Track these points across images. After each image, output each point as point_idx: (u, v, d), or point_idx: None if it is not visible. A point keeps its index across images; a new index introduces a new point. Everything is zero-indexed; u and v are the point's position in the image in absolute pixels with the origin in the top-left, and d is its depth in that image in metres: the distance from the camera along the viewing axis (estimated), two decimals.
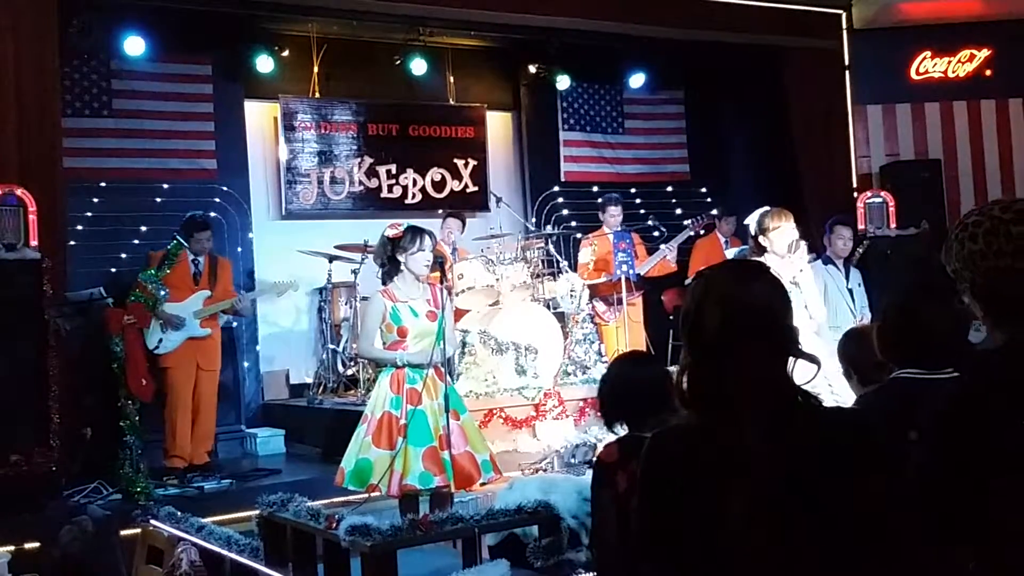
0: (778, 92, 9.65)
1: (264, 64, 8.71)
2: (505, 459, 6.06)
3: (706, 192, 10.64)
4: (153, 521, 5.49)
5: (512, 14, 8.56)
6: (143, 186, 8.50)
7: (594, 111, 10.55)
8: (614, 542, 2.81)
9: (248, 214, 8.96)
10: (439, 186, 9.89)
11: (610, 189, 9.85)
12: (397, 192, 9.73)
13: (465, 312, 7.83)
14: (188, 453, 7.04)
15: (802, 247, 5.32)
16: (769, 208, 5.34)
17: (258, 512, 4.72)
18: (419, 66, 9.20)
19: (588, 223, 9.34)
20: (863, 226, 8.51)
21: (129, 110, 8.49)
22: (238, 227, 8.81)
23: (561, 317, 7.99)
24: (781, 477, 1.74)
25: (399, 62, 9.26)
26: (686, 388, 1.87)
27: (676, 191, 10.67)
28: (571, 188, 10.25)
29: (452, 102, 9.97)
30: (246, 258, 8.84)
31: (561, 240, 8.86)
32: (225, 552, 4.80)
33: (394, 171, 9.72)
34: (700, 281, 1.95)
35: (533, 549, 4.28)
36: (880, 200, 8.80)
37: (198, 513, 5.44)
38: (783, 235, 5.22)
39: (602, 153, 10.57)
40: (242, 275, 8.45)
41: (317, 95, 9.37)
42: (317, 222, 9.32)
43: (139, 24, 7.97)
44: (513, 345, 7.42)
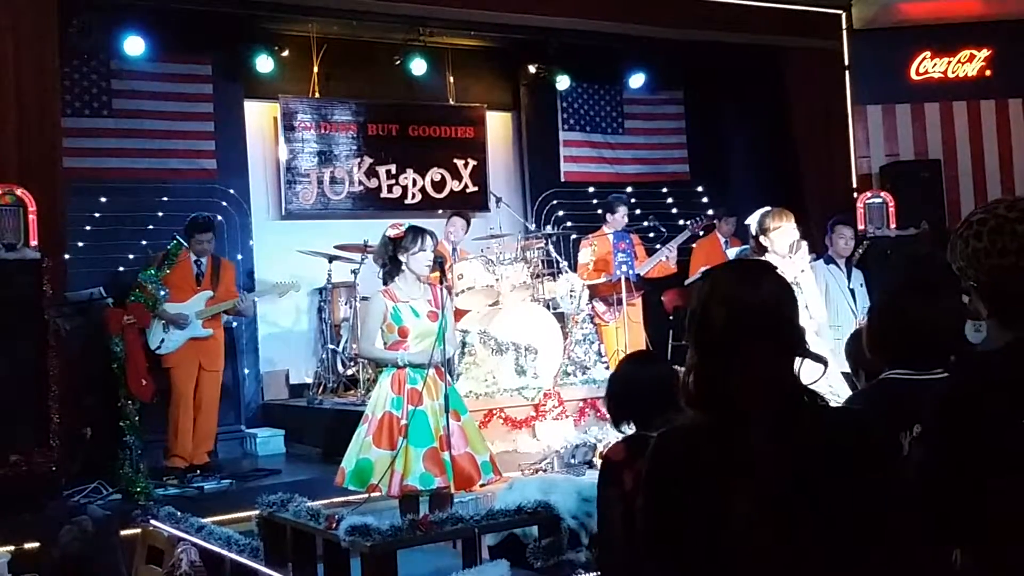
0: (778, 92, 9.65)
1: (264, 64, 8.71)
2: (505, 459, 6.06)
3: (706, 192, 10.64)
4: (153, 521, 5.50)
5: (512, 14, 8.56)
6: (143, 186, 8.50)
7: (594, 111, 10.55)
8: (619, 540, 2.82)
9: (248, 214, 8.96)
10: (439, 186, 9.89)
11: (610, 189, 9.85)
12: (397, 192, 9.73)
13: (465, 312, 7.83)
14: (190, 453, 7.05)
15: (803, 247, 5.32)
16: (770, 208, 5.33)
17: (258, 512, 4.72)
18: (419, 66, 9.21)
19: (588, 223, 9.33)
20: (863, 226, 8.50)
21: (129, 110, 8.49)
22: (238, 227, 8.81)
23: (561, 317, 7.98)
24: (786, 477, 1.74)
25: (399, 62, 9.26)
26: (692, 388, 1.86)
27: (676, 191, 10.66)
28: (571, 188, 10.25)
29: (452, 102, 9.97)
30: (246, 258, 8.84)
31: (561, 240, 8.85)
32: (225, 552, 4.81)
33: (394, 171, 9.72)
34: (706, 281, 1.94)
35: (533, 549, 4.27)
36: (880, 200, 8.80)
37: (198, 513, 5.44)
38: (784, 235, 5.22)
39: (602, 153, 10.56)
40: (242, 275, 8.44)
41: (317, 95, 9.37)
42: (317, 222, 9.31)
43: (139, 24, 7.98)
44: (513, 345, 7.42)
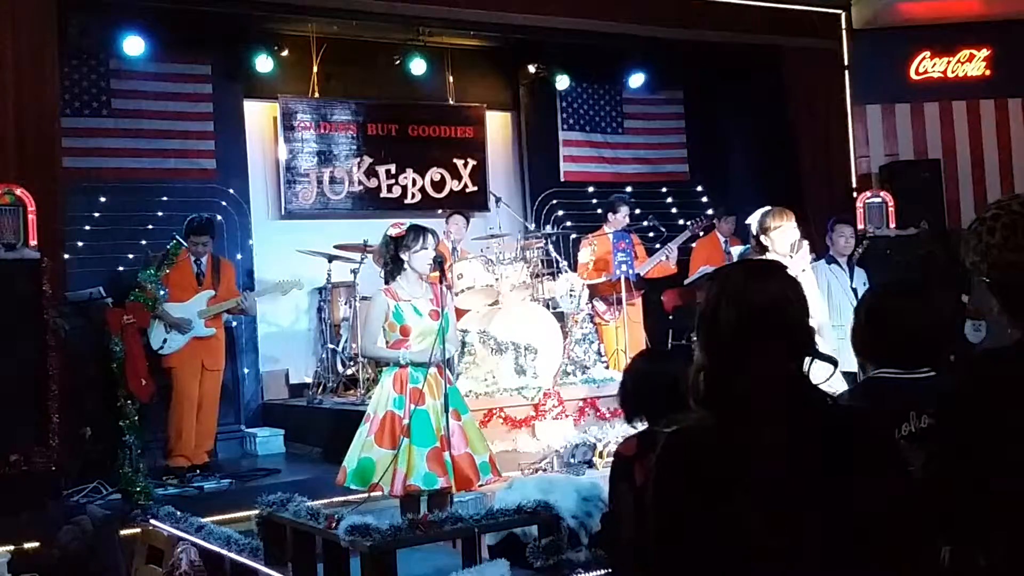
0: (778, 92, 9.64)
1: (263, 64, 8.71)
2: (504, 459, 6.06)
3: (705, 192, 10.64)
4: (153, 521, 5.51)
5: (512, 14, 8.56)
6: (142, 186, 8.50)
7: (593, 111, 10.55)
8: (631, 534, 2.84)
9: (247, 214, 8.96)
10: (438, 186, 9.89)
11: (609, 189, 9.85)
12: (396, 192, 9.73)
13: (465, 312, 7.83)
14: (192, 452, 7.05)
15: (804, 247, 5.30)
16: (771, 208, 5.32)
17: (258, 512, 4.72)
18: (418, 66, 9.21)
19: (587, 223, 9.33)
20: (862, 226, 8.50)
21: (128, 110, 8.48)
22: (237, 227, 8.80)
23: (560, 317, 7.98)
24: (794, 477, 1.73)
25: (398, 62, 9.27)
26: (701, 387, 1.86)
27: (675, 191, 10.66)
28: (570, 188, 10.25)
29: (451, 102, 9.97)
30: (245, 258, 8.84)
31: (560, 240, 8.85)
32: (225, 552, 4.81)
33: (393, 171, 9.71)
34: (715, 280, 1.93)
35: (533, 549, 4.27)
36: (879, 200, 8.80)
37: (198, 513, 5.45)
38: (785, 235, 5.21)
39: (601, 153, 10.56)
40: (241, 275, 8.45)
41: (316, 95, 9.37)
42: (316, 222, 9.31)
43: (138, 24, 7.97)
44: (512, 345, 7.42)
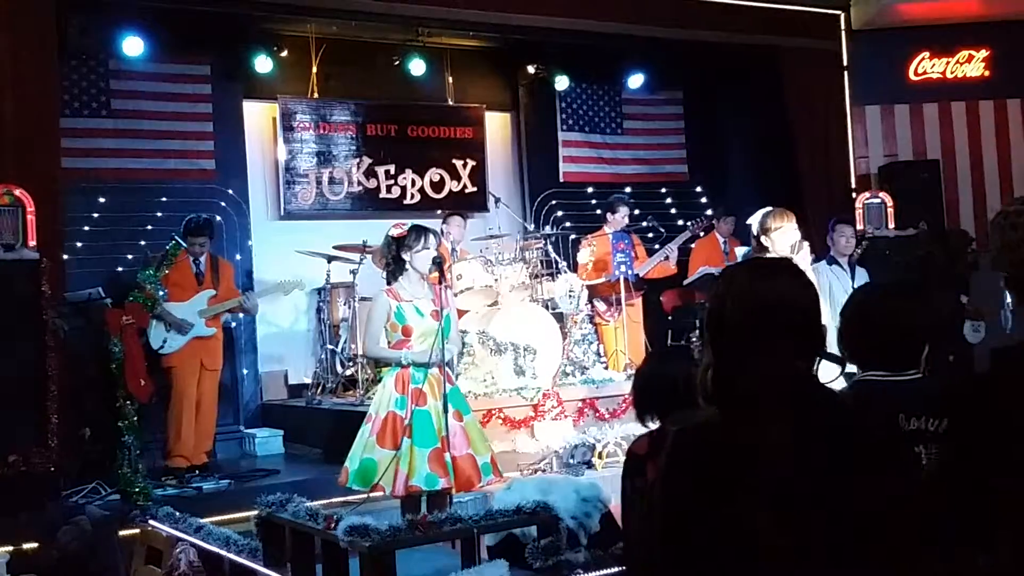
0: (777, 93, 9.64)
1: (263, 64, 8.71)
2: (504, 459, 6.04)
3: (705, 193, 10.64)
4: (152, 521, 5.50)
5: (511, 14, 8.56)
6: (141, 186, 8.49)
7: (593, 111, 10.55)
8: (642, 532, 2.84)
9: (247, 214, 8.96)
10: (438, 186, 9.88)
11: (609, 190, 9.85)
12: (396, 192, 9.72)
13: (464, 312, 7.83)
14: (191, 453, 7.05)
15: (804, 248, 5.31)
16: (772, 208, 5.32)
17: (257, 512, 4.72)
18: (418, 66, 9.21)
19: (587, 223, 9.33)
20: (862, 226, 8.50)
21: (128, 110, 8.48)
22: (236, 227, 8.80)
23: (560, 317, 7.98)
24: (800, 477, 1.73)
25: (398, 62, 9.26)
26: (708, 385, 1.85)
27: (674, 191, 10.66)
28: (570, 188, 10.25)
29: (451, 102, 9.97)
30: (245, 258, 8.83)
31: (560, 240, 8.85)
32: (224, 552, 4.81)
33: (393, 171, 9.71)
34: (723, 277, 1.93)
35: (532, 549, 4.27)
36: (879, 201, 8.81)
37: (197, 513, 5.44)
38: (785, 235, 5.21)
39: (601, 154, 10.56)
40: (241, 275, 8.45)
41: (316, 95, 9.37)
42: (316, 222, 9.30)
43: (138, 24, 7.97)
44: (512, 345, 7.42)
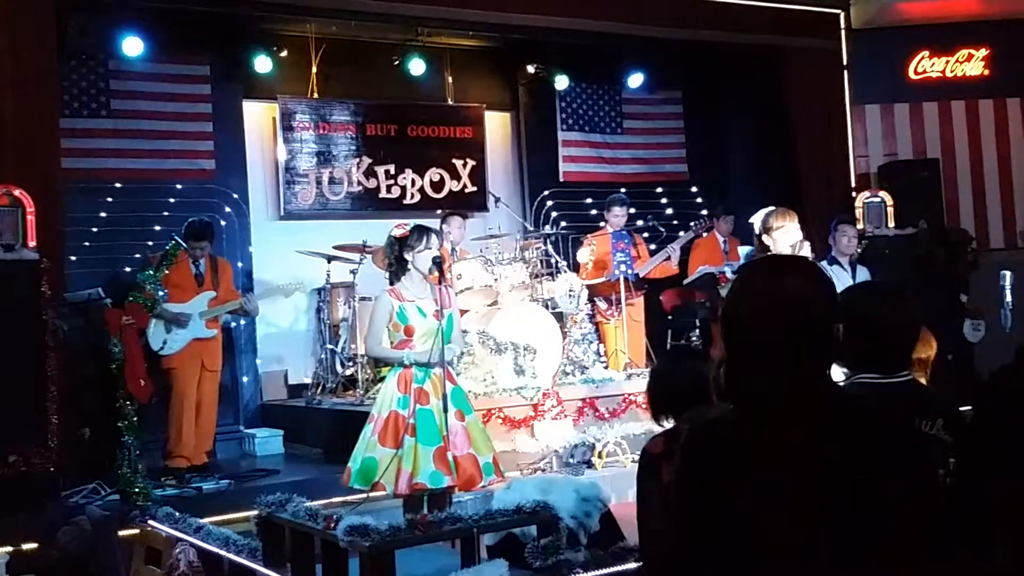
0: (777, 92, 9.65)
1: (262, 64, 8.71)
2: (504, 459, 6.03)
3: (704, 192, 10.62)
4: (151, 521, 5.50)
5: (511, 14, 8.55)
6: (141, 186, 8.48)
7: (592, 111, 10.54)
8: (658, 530, 2.85)
9: (246, 214, 8.95)
10: (438, 186, 9.88)
11: (609, 189, 9.83)
12: (396, 192, 9.72)
13: (464, 312, 7.83)
14: (191, 453, 7.05)
15: (805, 248, 5.32)
16: (774, 208, 5.34)
17: (256, 512, 4.72)
18: (417, 66, 9.20)
19: (587, 223, 9.32)
20: (861, 226, 8.51)
21: (127, 110, 8.47)
22: (236, 227, 8.80)
23: (560, 317, 7.98)
24: (812, 476, 1.72)
25: (397, 62, 9.26)
26: (722, 382, 1.85)
27: (674, 191, 10.65)
28: (569, 188, 10.24)
29: (450, 102, 9.96)
30: (245, 258, 8.83)
31: (560, 240, 8.85)
32: (223, 552, 4.81)
33: (392, 171, 9.71)
34: (739, 274, 1.93)
35: (531, 549, 4.27)
36: (878, 200, 8.81)
37: (196, 513, 5.44)
38: (787, 235, 5.22)
39: (600, 153, 10.55)
40: (240, 275, 8.44)
41: (315, 95, 9.36)
42: (316, 222, 9.30)
43: (137, 24, 7.97)
44: (512, 345, 7.42)
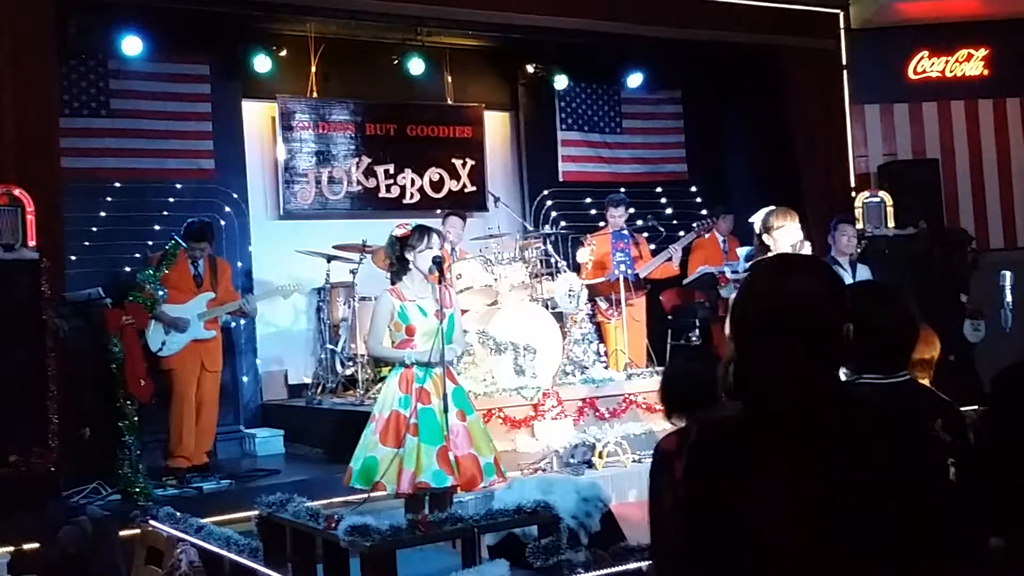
0: (776, 92, 9.65)
1: (262, 64, 8.71)
2: (504, 459, 6.03)
3: (704, 192, 10.62)
4: (152, 522, 5.49)
5: (511, 14, 8.56)
6: (141, 186, 8.48)
7: (592, 111, 10.54)
8: (671, 527, 2.85)
9: (246, 214, 8.95)
10: (437, 186, 9.88)
11: (608, 189, 9.84)
12: (395, 192, 9.72)
13: (464, 312, 7.83)
14: (192, 453, 7.05)
15: (806, 247, 5.32)
16: (775, 207, 5.35)
17: (257, 512, 4.72)
18: (417, 66, 9.20)
19: (586, 223, 9.32)
20: (861, 225, 8.52)
21: (127, 110, 8.47)
22: (236, 227, 8.80)
23: (559, 317, 7.98)
24: (817, 476, 1.72)
25: (397, 62, 9.26)
26: (731, 381, 1.85)
27: (673, 191, 10.65)
28: (569, 188, 10.24)
29: (450, 102, 9.96)
30: (244, 258, 8.83)
31: (559, 240, 8.85)
32: (224, 552, 4.80)
33: (392, 171, 9.70)
34: (749, 273, 1.93)
35: (532, 549, 4.28)
36: (878, 199, 8.82)
37: (197, 513, 5.43)
38: (787, 234, 5.23)
39: (600, 153, 10.55)
40: (240, 275, 8.45)
41: (315, 95, 9.35)
42: (315, 222, 9.30)
43: (137, 24, 7.97)
44: (511, 345, 7.42)
